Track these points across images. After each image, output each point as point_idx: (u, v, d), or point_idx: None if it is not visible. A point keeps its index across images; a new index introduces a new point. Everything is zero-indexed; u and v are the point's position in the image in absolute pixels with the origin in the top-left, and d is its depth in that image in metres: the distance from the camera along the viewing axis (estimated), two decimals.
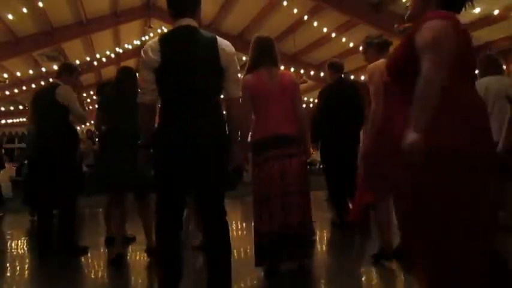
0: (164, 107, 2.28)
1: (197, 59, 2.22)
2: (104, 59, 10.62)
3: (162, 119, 2.26)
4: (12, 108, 13.32)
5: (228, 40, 2.36)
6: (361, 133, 4.43)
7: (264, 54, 3.20)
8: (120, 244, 3.73)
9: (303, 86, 10.70)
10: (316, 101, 5.72)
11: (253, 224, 3.16)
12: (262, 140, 3.09)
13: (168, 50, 2.21)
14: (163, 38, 2.30)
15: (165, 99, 2.26)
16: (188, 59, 2.22)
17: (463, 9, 1.87)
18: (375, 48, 3.34)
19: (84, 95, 13.14)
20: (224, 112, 2.38)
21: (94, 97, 15.10)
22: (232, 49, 2.33)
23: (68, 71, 4.32)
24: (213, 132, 2.22)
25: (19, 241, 5.21)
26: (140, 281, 3.36)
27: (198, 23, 2.34)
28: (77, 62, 10.47)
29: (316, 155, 6.17)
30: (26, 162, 7.01)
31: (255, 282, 3.09)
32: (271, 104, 3.13)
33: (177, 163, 2.19)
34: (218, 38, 2.32)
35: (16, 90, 11.48)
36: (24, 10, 7.81)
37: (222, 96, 2.38)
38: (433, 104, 1.60)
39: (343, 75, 4.92)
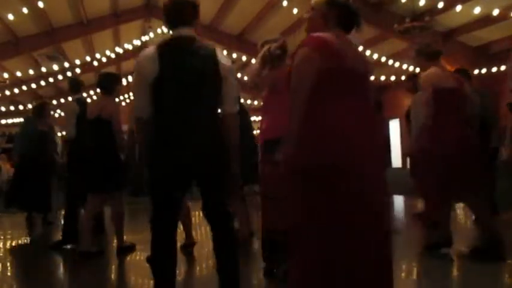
0: (160, 118, 2.21)
1: (197, 70, 2.18)
2: (104, 59, 10.61)
3: (159, 131, 2.20)
4: (12, 108, 13.32)
5: (228, 40, 2.35)
6: None
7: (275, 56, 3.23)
8: None
9: None
10: None
11: (261, 220, 3.17)
12: (274, 139, 3.09)
13: (167, 60, 2.16)
14: (161, 47, 2.23)
15: (161, 111, 2.20)
16: (188, 70, 2.17)
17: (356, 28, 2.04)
18: (424, 57, 3.54)
19: (85, 95, 13.13)
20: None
21: (94, 97, 15.08)
22: (230, 63, 2.31)
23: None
24: (213, 142, 2.22)
25: (19, 241, 5.21)
26: (139, 280, 3.36)
27: (194, 32, 2.30)
28: (77, 62, 10.49)
29: None
30: None
31: (255, 282, 3.10)
32: (282, 103, 3.14)
33: (178, 175, 2.20)
34: (217, 50, 2.28)
35: (16, 90, 11.47)
36: (24, 10, 7.80)
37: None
38: (296, 128, 1.84)
39: None
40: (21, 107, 13.20)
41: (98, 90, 4.10)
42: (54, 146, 6.07)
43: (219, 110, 2.34)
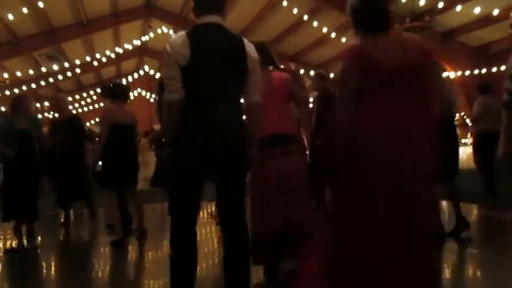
0: (189, 105, 2.18)
1: (227, 57, 2.20)
2: (104, 59, 10.62)
3: (187, 117, 2.18)
4: None
5: None
6: None
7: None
8: None
9: None
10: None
11: (250, 222, 3.16)
12: (260, 139, 3.09)
13: (198, 45, 2.15)
14: (192, 33, 2.21)
15: (190, 97, 2.17)
16: (217, 59, 2.18)
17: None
18: None
19: (85, 95, 13.14)
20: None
21: (94, 97, 15.10)
22: (256, 53, 2.34)
23: None
24: (239, 131, 2.25)
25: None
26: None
27: (224, 21, 2.30)
28: (77, 62, 10.50)
29: None
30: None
31: (254, 282, 3.09)
32: (264, 104, 3.12)
33: (203, 163, 2.17)
34: (244, 40, 2.31)
35: (16, 90, 11.49)
36: (24, 10, 7.81)
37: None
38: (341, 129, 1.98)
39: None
40: None
41: (112, 98, 4.42)
42: (45, 145, 5.32)
43: (242, 100, 2.38)
